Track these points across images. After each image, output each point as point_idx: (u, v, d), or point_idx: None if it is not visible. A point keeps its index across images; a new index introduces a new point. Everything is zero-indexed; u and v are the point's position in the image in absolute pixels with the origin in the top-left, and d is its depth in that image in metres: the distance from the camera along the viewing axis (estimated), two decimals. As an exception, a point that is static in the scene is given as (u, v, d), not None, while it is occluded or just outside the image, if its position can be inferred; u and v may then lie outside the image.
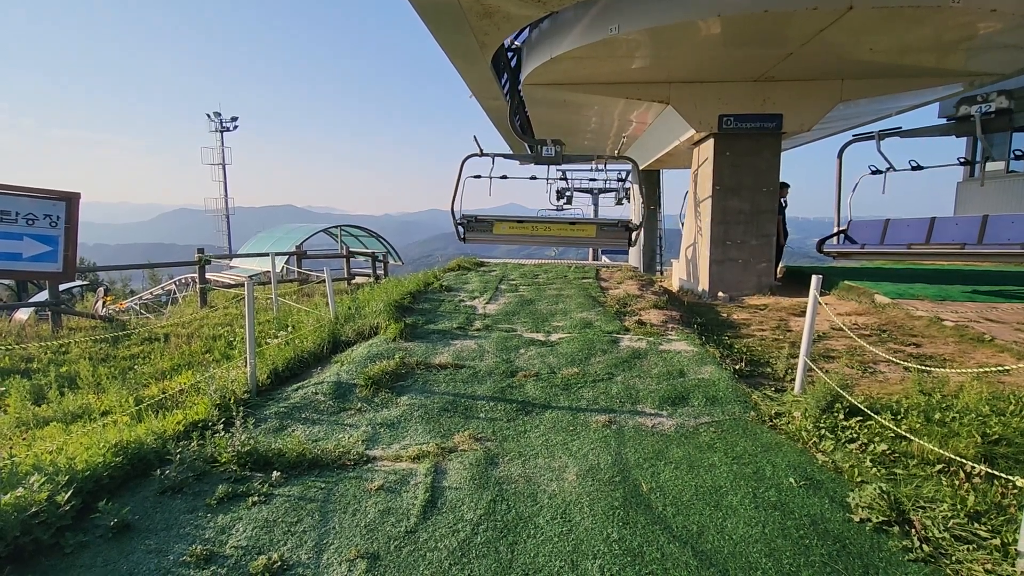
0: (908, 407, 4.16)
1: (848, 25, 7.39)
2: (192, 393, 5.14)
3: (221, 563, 2.78)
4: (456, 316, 7.60)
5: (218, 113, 37.39)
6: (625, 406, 4.74)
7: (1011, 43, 8.11)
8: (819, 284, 4.78)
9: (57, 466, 3.30)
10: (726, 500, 3.26)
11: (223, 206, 37.26)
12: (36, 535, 2.85)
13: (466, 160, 11.36)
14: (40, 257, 8.64)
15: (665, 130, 13.24)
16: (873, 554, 2.76)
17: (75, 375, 6.61)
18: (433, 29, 8.92)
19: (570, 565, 2.72)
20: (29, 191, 8.58)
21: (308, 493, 3.42)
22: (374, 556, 2.81)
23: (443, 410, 4.72)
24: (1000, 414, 3.99)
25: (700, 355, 5.88)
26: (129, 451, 3.70)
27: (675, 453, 3.86)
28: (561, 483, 3.50)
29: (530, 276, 10.76)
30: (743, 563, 2.72)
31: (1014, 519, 2.82)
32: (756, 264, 10.62)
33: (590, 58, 9.27)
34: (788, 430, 4.17)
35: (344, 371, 5.55)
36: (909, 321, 7.28)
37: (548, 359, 5.88)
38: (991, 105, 8.02)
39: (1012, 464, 3.41)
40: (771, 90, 10.18)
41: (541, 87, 11.36)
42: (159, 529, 3.09)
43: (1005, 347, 5.88)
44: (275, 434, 4.30)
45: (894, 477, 3.38)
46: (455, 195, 11.22)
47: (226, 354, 7.13)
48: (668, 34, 8.11)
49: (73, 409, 5.22)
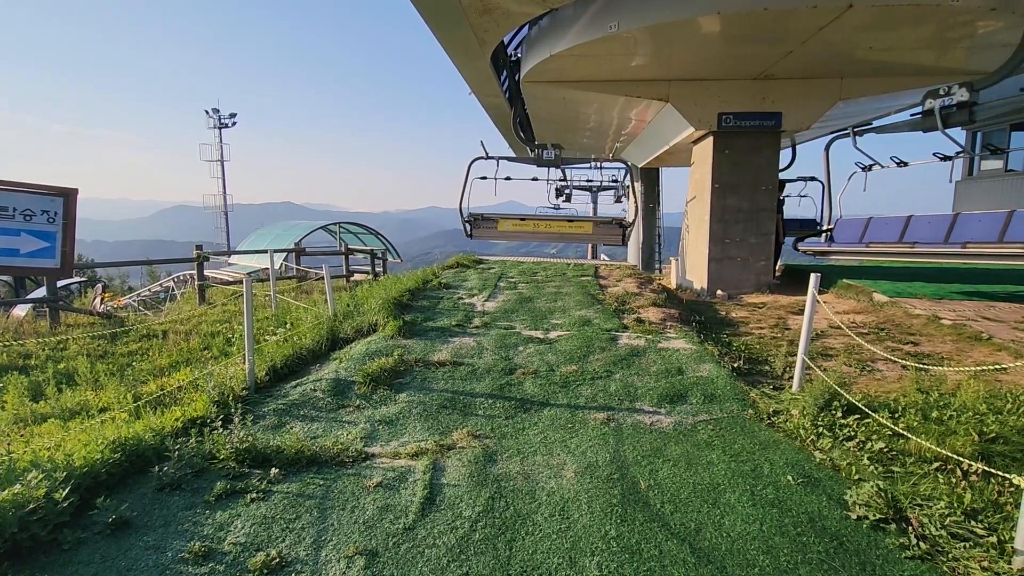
0: (906, 405, 4.17)
1: (848, 23, 7.39)
2: (190, 390, 5.14)
3: (219, 560, 2.78)
4: (455, 313, 7.60)
5: (216, 109, 37.22)
6: (624, 404, 4.74)
7: (1010, 42, 8.11)
8: (817, 282, 4.79)
9: (55, 463, 3.30)
10: (724, 497, 3.27)
11: (222, 203, 37.11)
12: (34, 532, 2.85)
13: (473, 162, 12.06)
14: (37, 253, 8.61)
15: (664, 128, 13.22)
16: (870, 551, 2.77)
17: (73, 372, 6.60)
18: (432, 26, 8.90)
19: (568, 562, 2.73)
20: (26, 187, 8.55)
21: (307, 490, 3.42)
22: (373, 553, 2.82)
23: (442, 407, 4.72)
24: (997, 412, 4.00)
25: (699, 353, 5.88)
26: (127, 448, 3.70)
27: (673, 451, 3.87)
28: (559, 480, 3.50)
29: (529, 274, 10.76)
30: (741, 560, 2.72)
31: (1011, 517, 2.83)
32: (755, 262, 10.63)
33: (589, 55, 9.26)
34: (786, 428, 4.18)
35: (343, 368, 5.55)
36: (907, 319, 7.30)
37: (547, 356, 5.88)
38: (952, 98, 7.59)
39: (1009, 462, 3.42)
40: (770, 88, 10.18)
41: (540, 84, 11.35)
42: (157, 526, 3.09)
43: (1003, 345, 5.89)
44: (274, 431, 4.30)
45: (891, 475, 3.39)
46: (463, 195, 11.91)
47: (225, 351, 7.13)
48: (668, 31, 8.10)
49: (71, 406, 5.21)
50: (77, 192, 8.96)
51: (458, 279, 10.15)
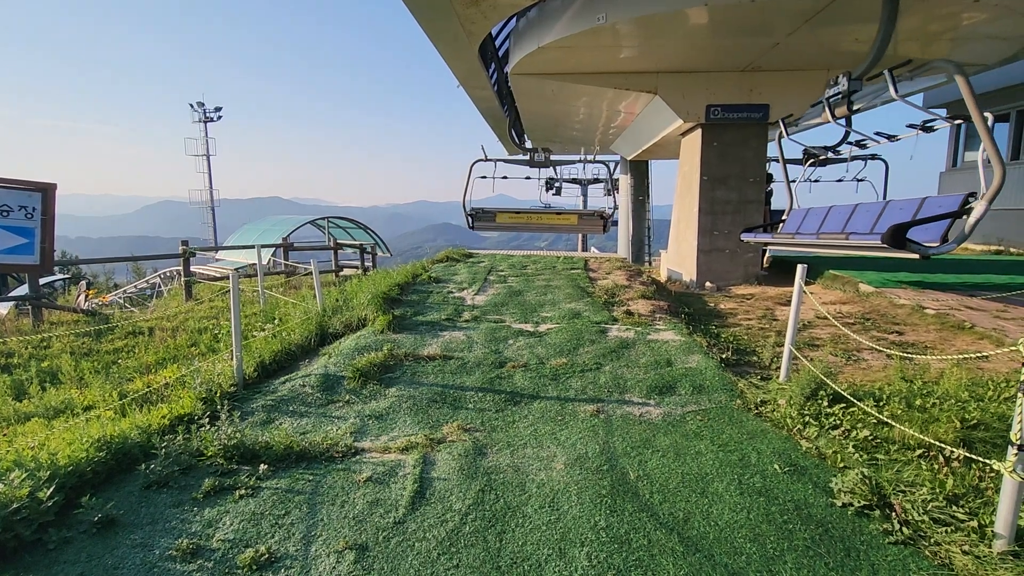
0: (890, 394, 4.23)
1: (834, 14, 7.42)
2: (177, 387, 5.08)
3: (208, 556, 2.76)
4: (444, 307, 7.58)
5: (201, 103, 36.67)
6: (613, 395, 4.77)
7: (994, 34, 8.20)
8: (804, 273, 4.83)
9: (39, 462, 3.25)
10: (712, 487, 3.30)
11: (208, 198, 36.66)
12: (18, 531, 2.81)
13: (474, 164, 14.20)
14: (16, 249, 8.45)
15: (653, 120, 13.23)
16: (855, 537, 2.81)
17: (57, 370, 6.51)
18: (418, 17, 8.80)
19: (558, 553, 2.74)
20: (3, 182, 8.38)
21: (296, 485, 3.41)
22: (362, 547, 2.81)
23: (432, 401, 4.72)
24: (979, 399, 4.08)
25: (687, 344, 5.92)
26: (113, 446, 3.66)
27: (662, 441, 3.90)
28: (549, 472, 3.51)
29: (519, 267, 10.76)
30: (728, 548, 2.76)
31: (991, 502, 2.89)
32: (743, 254, 10.70)
33: (578, 47, 9.22)
34: (773, 417, 4.22)
35: (332, 363, 5.52)
36: (892, 309, 7.39)
37: (537, 349, 5.89)
38: (838, 87, 7.35)
39: (989, 448, 3.49)
40: (758, 80, 10.22)
41: (528, 77, 11.29)
42: (144, 524, 3.06)
43: (985, 334, 5.99)
44: (262, 427, 4.27)
45: (876, 462, 3.44)
46: (466, 192, 14.01)
47: (212, 347, 7.06)
48: (655, 23, 8.09)
49: (55, 404, 5.14)
50: (56, 187, 8.80)
51: (448, 273, 10.12)
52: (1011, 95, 13.13)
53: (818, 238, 7.34)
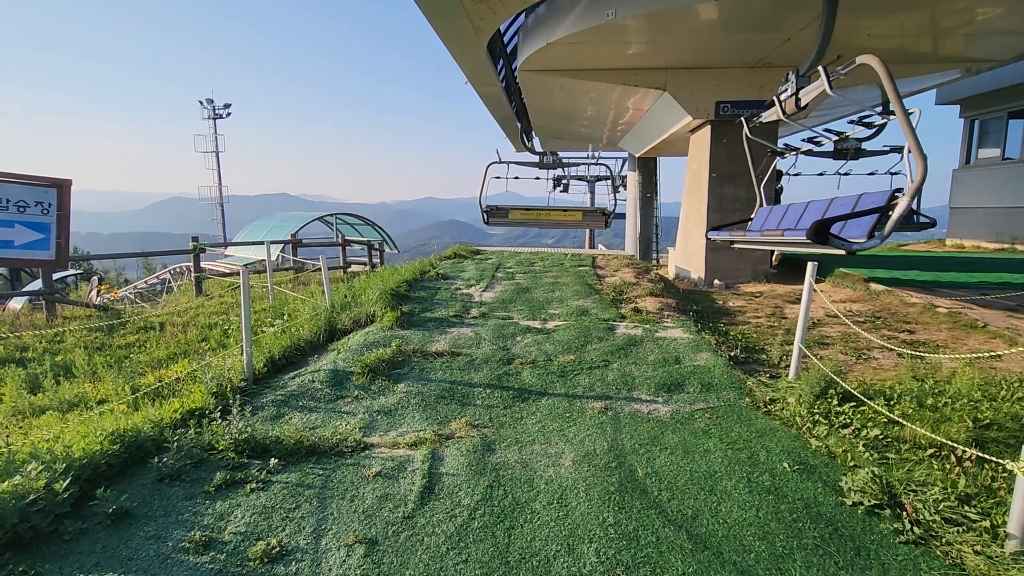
0: (901, 393, 4.20)
1: (847, 9, 7.33)
2: (189, 381, 5.13)
3: (220, 548, 2.80)
4: (452, 304, 7.60)
5: (211, 100, 36.88)
6: (621, 393, 4.76)
7: (1009, 29, 8.08)
8: (814, 271, 4.80)
9: (54, 454, 3.31)
10: (721, 485, 3.29)
11: (217, 194, 36.91)
12: (34, 522, 2.86)
13: (490, 166, 15.60)
14: (32, 245, 8.56)
15: (662, 117, 13.15)
16: (865, 536, 2.80)
17: (70, 364, 6.59)
18: (427, 13, 8.79)
19: (566, 549, 2.75)
20: (19, 178, 8.48)
21: (306, 480, 3.44)
22: (372, 541, 2.84)
23: (440, 397, 4.74)
24: (991, 399, 4.04)
25: (695, 342, 5.91)
26: (126, 439, 3.70)
27: (670, 439, 3.90)
28: (558, 469, 3.52)
29: (526, 264, 10.76)
30: (737, 546, 2.75)
31: (1004, 502, 2.87)
32: (752, 252, 10.63)
33: (586, 43, 9.18)
34: (782, 416, 4.20)
35: (341, 359, 5.56)
36: (903, 307, 7.33)
37: (544, 346, 5.90)
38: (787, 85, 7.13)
39: (1002, 448, 3.46)
40: (768, 76, 10.12)
41: (537, 73, 11.26)
42: (158, 516, 3.10)
43: (998, 333, 5.93)
44: (272, 422, 4.31)
45: (886, 461, 3.42)
46: (482, 191, 15.35)
47: (222, 343, 7.12)
48: (665, 19, 8.03)
49: (69, 398, 5.21)
50: (71, 183, 8.89)
51: (456, 270, 10.14)
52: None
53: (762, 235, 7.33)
